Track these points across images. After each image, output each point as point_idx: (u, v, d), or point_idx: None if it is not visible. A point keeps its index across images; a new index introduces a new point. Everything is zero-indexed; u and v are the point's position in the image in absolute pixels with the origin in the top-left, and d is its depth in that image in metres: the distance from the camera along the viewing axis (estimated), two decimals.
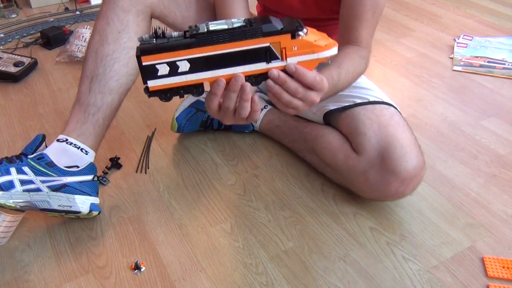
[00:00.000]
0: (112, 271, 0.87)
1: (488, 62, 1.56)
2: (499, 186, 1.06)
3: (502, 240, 0.93)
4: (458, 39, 1.70)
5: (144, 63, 0.62)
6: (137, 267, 0.87)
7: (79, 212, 0.91)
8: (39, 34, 1.73)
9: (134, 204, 1.02)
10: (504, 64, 1.55)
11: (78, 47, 1.59)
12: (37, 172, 0.86)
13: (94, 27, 0.96)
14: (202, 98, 1.18)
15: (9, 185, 0.84)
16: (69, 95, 1.41)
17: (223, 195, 1.04)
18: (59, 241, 0.93)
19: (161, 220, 0.98)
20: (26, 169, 0.86)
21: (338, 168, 0.99)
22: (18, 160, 0.87)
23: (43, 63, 1.58)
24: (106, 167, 1.10)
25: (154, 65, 0.62)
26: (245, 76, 0.65)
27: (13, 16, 1.93)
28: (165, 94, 0.65)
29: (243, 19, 0.64)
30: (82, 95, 0.94)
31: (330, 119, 1.05)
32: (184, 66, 0.63)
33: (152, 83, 0.64)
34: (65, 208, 0.89)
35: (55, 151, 0.90)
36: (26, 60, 1.51)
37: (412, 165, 0.88)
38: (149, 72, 0.62)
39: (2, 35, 1.75)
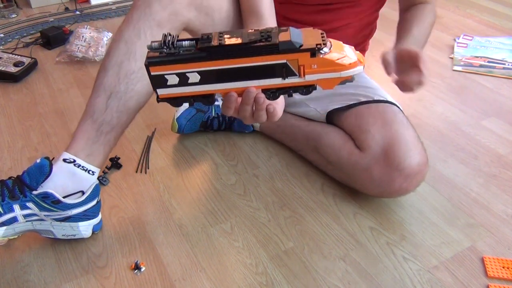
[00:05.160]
0: (112, 271, 0.87)
1: (488, 62, 1.56)
2: (499, 186, 1.06)
3: (502, 240, 0.93)
4: (458, 39, 1.70)
5: (152, 73, 0.59)
6: (137, 267, 0.87)
7: (83, 238, 0.91)
8: (39, 34, 1.73)
9: (134, 204, 1.02)
10: (504, 64, 1.55)
11: (78, 47, 1.59)
12: (41, 208, 0.83)
13: (121, 34, 0.87)
14: None
15: (12, 220, 0.82)
16: (69, 95, 1.41)
17: (223, 195, 1.04)
18: (59, 241, 0.93)
19: (161, 220, 0.98)
20: (30, 204, 0.82)
21: (341, 165, 0.99)
22: (21, 195, 0.82)
23: (43, 63, 1.58)
24: (106, 167, 1.10)
25: (163, 75, 0.59)
26: (261, 89, 0.62)
27: (13, 16, 1.93)
28: (175, 100, 0.63)
29: (260, 31, 0.58)
30: (96, 110, 0.86)
31: (334, 118, 1.05)
32: (194, 77, 0.59)
33: (162, 92, 0.61)
34: (69, 237, 0.89)
35: (62, 177, 0.84)
36: (26, 60, 1.51)
37: (416, 161, 0.89)
38: (158, 81, 0.60)
39: (2, 35, 1.75)
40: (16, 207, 0.82)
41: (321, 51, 0.57)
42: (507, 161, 1.13)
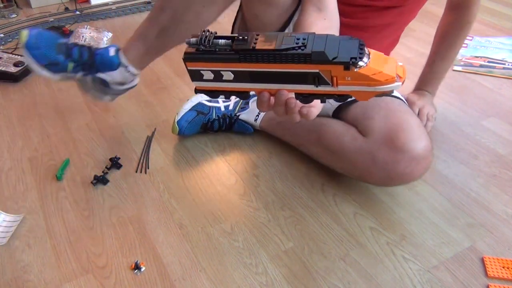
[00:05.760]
0: (112, 271, 0.87)
1: (488, 62, 1.56)
2: (499, 186, 1.06)
3: (502, 240, 0.93)
4: None
5: (189, 68, 0.61)
6: (137, 267, 0.87)
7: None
8: None
9: (134, 204, 1.02)
10: (504, 64, 1.55)
11: None
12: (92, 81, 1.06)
13: None
14: (203, 100, 1.19)
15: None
16: (69, 95, 1.41)
17: (223, 195, 1.04)
18: (59, 241, 0.93)
19: (161, 220, 0.98)
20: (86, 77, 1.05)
21: (344, 153, 0.98)
22: (85, 71, 1.04)
23: None
24: (106, 167, 1.10)
25: (199, 70, 0.61)
26: (294, 93, 0.61)
27: (13, 16, 1.93)
28: (212, 93, 0.64)
29: (296, 36, 0.56)
30: (147, 36, 1.00)
31: (340, 110, 1.06)
32: (228, 75, 0.60)
33: (199, 84, 0.63)
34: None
35: (116, 74, 1.03)
36: None
37: (421, 145, 0.89)
38: (195, 75, 0.62)
39: (2, 35, 1.75)
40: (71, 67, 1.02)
41: (356, 64, 0.54)
42: (507, 161, 1.13)
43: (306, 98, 0.61)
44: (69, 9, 1.99)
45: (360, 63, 0.54)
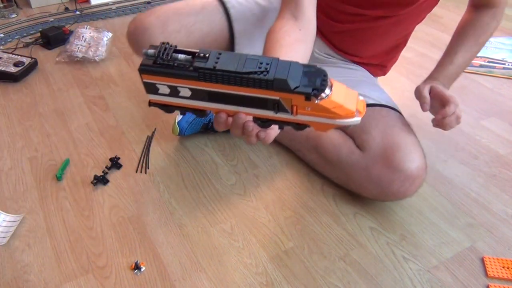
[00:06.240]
0: (112, 271, 0.87)
1: (488, 62, 1.56)
2: (499, 186, 1.06)
3: (502, 240, 0.93)
4: None
5: (144, 80, 0.58)
6: (137, 267, 0.87)
7: None
8: (39, 34, 1.73)
9: (134, 204, 1.02)
10: (504, 64, 1.55)
11: (78, 47, 1.59)
12: None
13: None
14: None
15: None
16: (69, 95, 1.41)
17: (223, 195, 1.04)
18: (59, 241, 0.93)
19: (161, 220, 0.98)
20: None
21: (340, 164, 0.99)
22: None
23: (43, 63, 1.58)
24: (106, 167, 1.10)
25: (154, 84, 0.58)
26: (253, 116, 0.59)
27: (13, 16, 1.93)
28: (167, 107, 0.61)
29: (260, 60, 0.55)
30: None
31: None
32: (185, 92, 0.58)
33: (153, 97, 0.60)
34: None
35: None
36: (26, 60, 1.51)
37: (415, 164, 0.89)
38: (150, 88, 0.59)
39: (2, 35, 1.75)
40: None
41: (318, 95, 0.53)
42: (507, 161, 1.13)
43: (264, 123, 0.59)
44: (69, 9, 1.99)
45: (322, 94, 0.53)
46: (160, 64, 0.56)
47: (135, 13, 1.97)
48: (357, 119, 0.56)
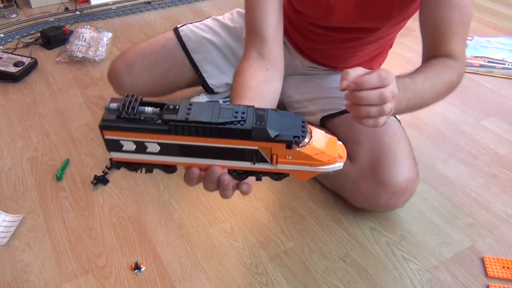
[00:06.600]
0: (112, 271, 0.87)
1: (488, 62, 1.56)
2: (499, 186, 1.06)
3: (502, 240, 0.93)
4: None
5: (106, 137, 0.52)
6: (137, 267, 0.87)
7: None
8: (39, 34, 1.72)
9: (134, 204, 1.02)
10: (504, 64, 1.55)
11: (78, 47, 1.59)
12: None
13: None
14: (203, 101, 1.19)
15: None
16: (69, 95, 1.41)
17: None
18: (59, 241, 0.93)
19: (161, 220, 0.98)
20: None
21: (332, 174, 0.97)
22: None
23: (43, 63, 1.58)
24: (106, 167, 1.10)
25: (118, 140, 0.52)
26: (227, 168, 0.56)
27: (13, 16, 1.93)
28: (132, 165, 0.56)
29: (235, 109, 0.51)
30: None
31: (327, 123, 1.03)
32: (153, 147, 0.53)
33: (117, 155, 0.54)
34: None
35: None
36: (26, 60, 1.51)
37: (403, 178, 0.87)
38: (113, 145, 0.53)
39: (2, 35, 1.75)
40: None
41: (299, 143, 0.51)
42: (507, 161, 1.13)
43: (240, 175, 0.56)
44: (69, 9, 1.99)
45: (303, 142, 0.51)
46: (125, 118, 0.51)
47: (135, 13, 1.98)
48: (339, 165, 0.54)
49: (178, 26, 1.19)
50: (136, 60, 1.13)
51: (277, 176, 0.56)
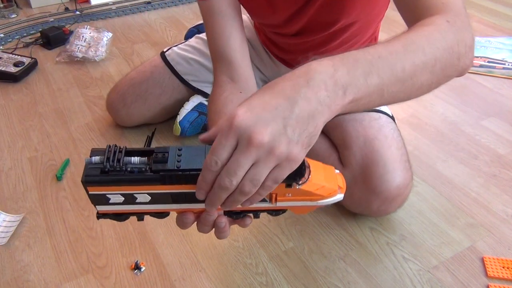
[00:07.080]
0: (112, 271, 0.87)
1: (488, 62, 1.56)
2: (499, 186, 1.06)
3: (502, 240, 0.93)
4: None
5: (90, 193, 0.48)
6: (137, 267, 0.87)
7: None
8: (39, 34, 1.73)
9: None
10: (504, 64, 1.55)
11: (78, 47, 1.59)
12: None
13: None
14: (204, 101, 1.19)
15: None
16: (69, 95, 1.41)
17: None
18: (59, 241, 0.93)
19: (161, 220, 0.98)
20: None
21: None
22: None
23: (43, 63, 1.58)
24: None
25: (104, 194, 0.49)
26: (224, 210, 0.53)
27: (13, 16, 1.93)
28: (120, 216, 0.53)
29: None
30: None
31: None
32: (143, 198, 0.50)
33: (103, 208, 0.51)
34: None
35: None
36: (26, 60, 1.51)
37: (394, 184, 0.86)
38: (99, 199, 0.49)
39: (2, 35, 1.75)
40: None
41: (298, 181, 0.48)
42: (507, 161, 1.13)
43: (237, 215, 0.54)
44: (69, 9, 1.99)
45: (304, 178, 0.49)
46: (109, 171, 0.47)
47: (135, 13, 1.98)
48: (339, 196, 0.53)
49: (164, 50, 1.21)
50: (128, 91, 1.17)
51: (275, 212, 0.55)
